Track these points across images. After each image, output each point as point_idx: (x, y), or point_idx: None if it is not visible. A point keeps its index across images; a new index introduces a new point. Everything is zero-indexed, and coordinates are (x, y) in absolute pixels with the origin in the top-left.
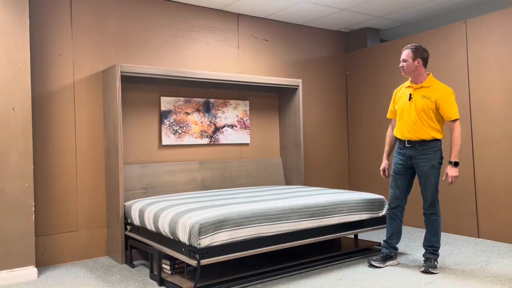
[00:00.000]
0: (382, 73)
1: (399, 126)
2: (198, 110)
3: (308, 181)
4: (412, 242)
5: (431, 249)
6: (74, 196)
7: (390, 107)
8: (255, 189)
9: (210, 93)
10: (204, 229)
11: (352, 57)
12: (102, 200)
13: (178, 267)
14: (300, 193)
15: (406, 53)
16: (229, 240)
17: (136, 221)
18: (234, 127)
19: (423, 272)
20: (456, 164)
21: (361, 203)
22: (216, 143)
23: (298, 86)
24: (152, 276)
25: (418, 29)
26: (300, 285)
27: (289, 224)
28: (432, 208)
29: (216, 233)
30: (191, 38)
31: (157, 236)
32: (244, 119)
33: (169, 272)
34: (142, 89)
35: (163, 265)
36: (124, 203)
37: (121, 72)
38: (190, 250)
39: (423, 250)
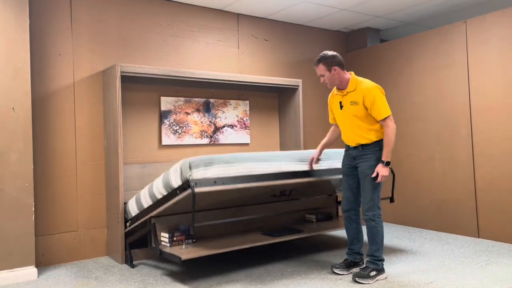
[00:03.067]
0: (382, 73)
1: (342, 133)
2: (198, 110)
3: None
4: (412, 242)
5: (371, 258)
6: (74, 196)
7: (330, 113)
8: None
9: (210, 93)
10: (195, 164)
11: (352, 57)
12: (102, 200)
13: (177, 240)
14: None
15: (319, 68)
16: (221, 175)
17: (134, 211)
18: (234, 127)
19: (352, 279)
20: (387, 163)
21: None
22: (216, 143)
23: (298, 86)
24: (151, 248)
25: (418, 29)
26: (300, 285)
27: (279, 164)
28: (370, 213)
29: (207, 168)
30: (191, 38)
31: (154, 206)
32: (244, 119)
33: (168, 245)
34: (142, 89)
35: (162, 238)
36: (124, 203)
37: (121, 72)
38: (184, 186)
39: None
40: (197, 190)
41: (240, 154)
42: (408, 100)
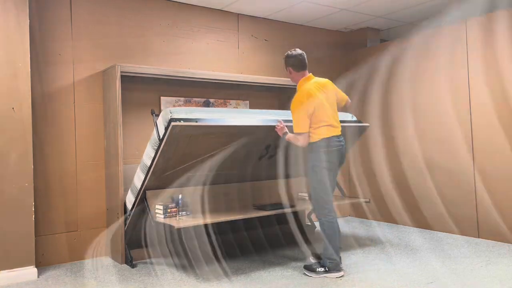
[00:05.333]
0: (382, 73)
1: None
2: None
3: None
4: (412, 242)
5: (322, 255)
6: (74, 196)
7: None
8: None
9: (210, 93)
10: (176, 110)
11: (352, 57)
12: (102, 200)
13: (171, 212)
14: None
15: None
16: (203, 117)
17: (131, 201)
18: None
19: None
20: (284, 135)
21: None
22: None
23: None
24: (147, 221)
25: (418, 29)
26: (300, 285)
27: (255, 115)
28: (316, 212)
29: (188, 113)
30: (191, 38)
31: (146, 176)
32: None
33: (162, 216)
34: (142, 89)
35: (157, 210)
36: (124, 203)
37: (121, 72)
38: (167, 127)
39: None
40: (179, 123)
41: (221, 108)
42: (408, 100)
